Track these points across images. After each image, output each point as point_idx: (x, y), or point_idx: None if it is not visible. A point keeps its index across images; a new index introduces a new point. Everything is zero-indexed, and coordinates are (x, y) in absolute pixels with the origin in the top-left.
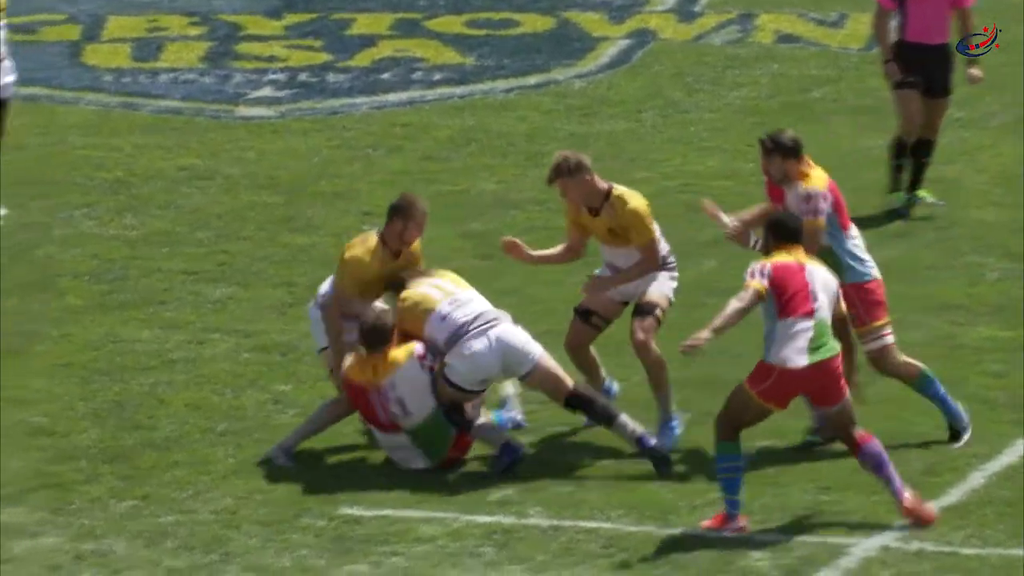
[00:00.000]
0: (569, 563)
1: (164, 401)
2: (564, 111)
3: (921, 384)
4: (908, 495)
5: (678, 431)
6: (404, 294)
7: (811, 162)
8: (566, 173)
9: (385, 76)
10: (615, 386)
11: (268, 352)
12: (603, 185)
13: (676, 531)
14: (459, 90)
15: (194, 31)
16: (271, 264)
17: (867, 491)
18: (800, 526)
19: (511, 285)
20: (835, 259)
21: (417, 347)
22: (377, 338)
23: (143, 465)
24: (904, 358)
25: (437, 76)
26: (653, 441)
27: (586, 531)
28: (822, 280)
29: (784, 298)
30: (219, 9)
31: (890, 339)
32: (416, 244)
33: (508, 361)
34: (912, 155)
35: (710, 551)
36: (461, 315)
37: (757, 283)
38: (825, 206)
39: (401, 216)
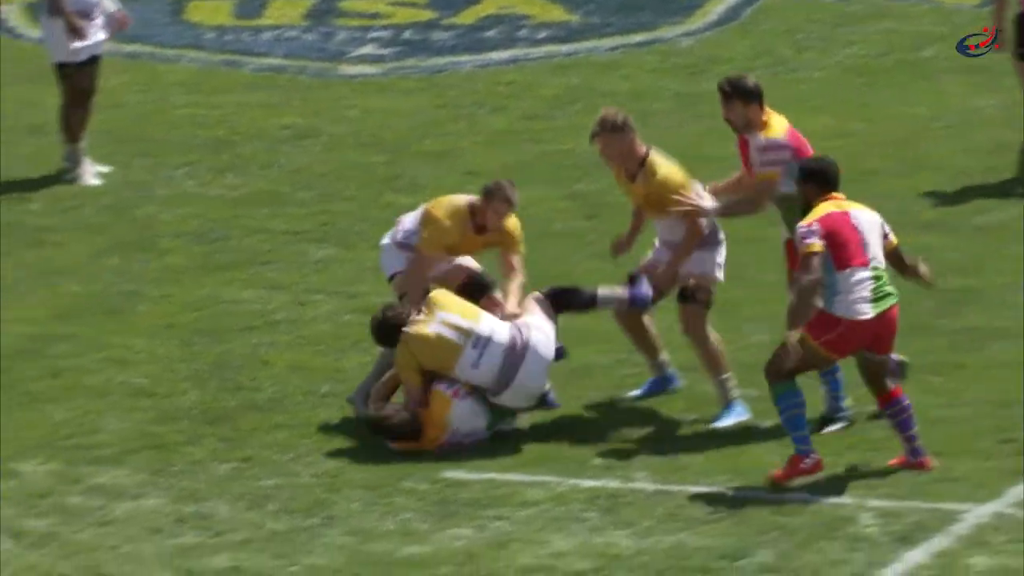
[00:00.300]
0: (674, 528)
1: (266, 362)
2: (670, 70)
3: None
4: (928, 458)
5: (743, 416)
6: (413, 332)
7: (772, 112)
8: (609, 129)
9: (490, 34)
10: (677, 379)
11: (370, 314)
12: (641, 149)
13: (783, 495)
14: (564, 48)
15: None
16: (374, 225)
17: (980, 456)
18: (911, 492)
19: None
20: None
21: (446, 390)
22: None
23: (245, 427)
24: None
25: (542, 34)
26: (643, 287)
27: (692, 496)
28: (868, 222)
29: (838, 251)
30: None
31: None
32: (514, 228)
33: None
34: None
35: (819, 516)
36: (495, 358)
37: (814, 245)
38: (785, 156)
39: (485, 197)
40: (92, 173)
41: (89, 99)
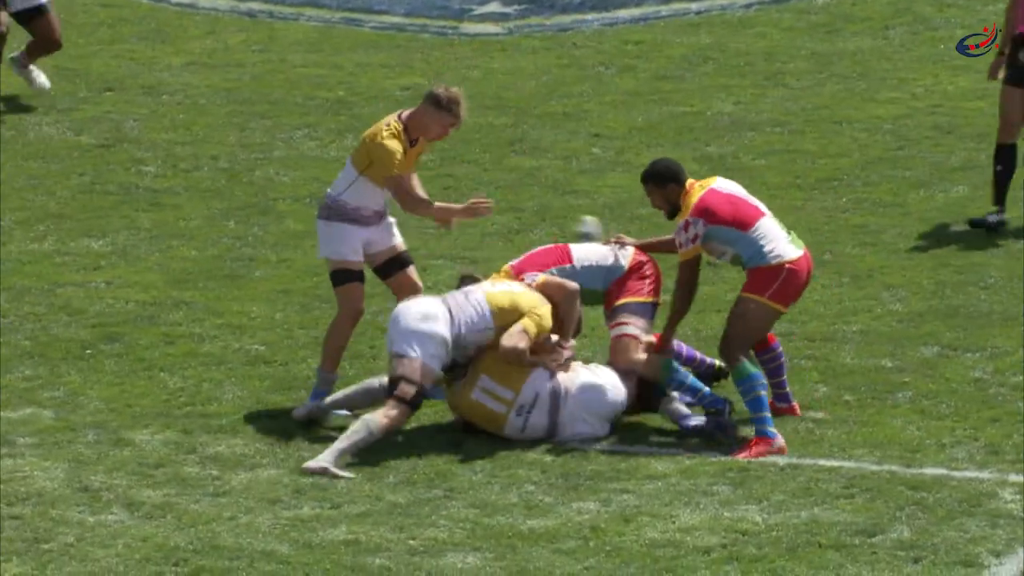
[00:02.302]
0: (808, 503)
1: (385, 330)
2: (806, 28)
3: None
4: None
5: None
6: (455, 399)
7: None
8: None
9: None
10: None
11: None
12: None
13: (922, 471)
14: (695, 6)
15: None
16: (497, 188)
17: None
18: None
19: None
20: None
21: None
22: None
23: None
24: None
25: None
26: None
27: (826, 470)
28: (730, 185)
29: (733, 219)
30: None
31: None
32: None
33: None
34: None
35: (957, 492)
36: (542, 419)
37: (690, 251)
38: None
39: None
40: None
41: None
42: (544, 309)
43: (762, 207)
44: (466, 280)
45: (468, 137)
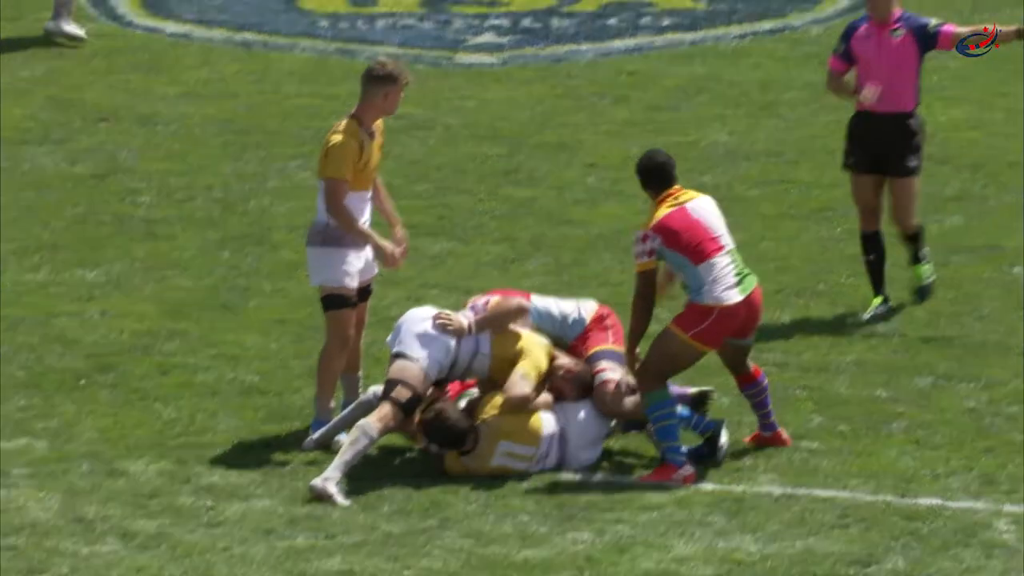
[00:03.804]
0: (802, 533)
1: (381, 360)
2: (800, 58)
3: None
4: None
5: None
6: (476, 466)
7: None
8: None
9: (612, 21)
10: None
11: None
12: None
13: (917, 501)
14: (689, 36)
15: None
16: (492, 218)
17: None
18: None
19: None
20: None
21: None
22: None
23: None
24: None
25: (666, 21)
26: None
27: (821, 500)
28: (705, 208)
29: (689, 248)
30: None
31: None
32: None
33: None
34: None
35: (952, 522)
36: (553, 458)
37: (647, 264)
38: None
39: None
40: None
41: None
42: (538, 348)
43: (723, 241)
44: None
45: (463, 167)
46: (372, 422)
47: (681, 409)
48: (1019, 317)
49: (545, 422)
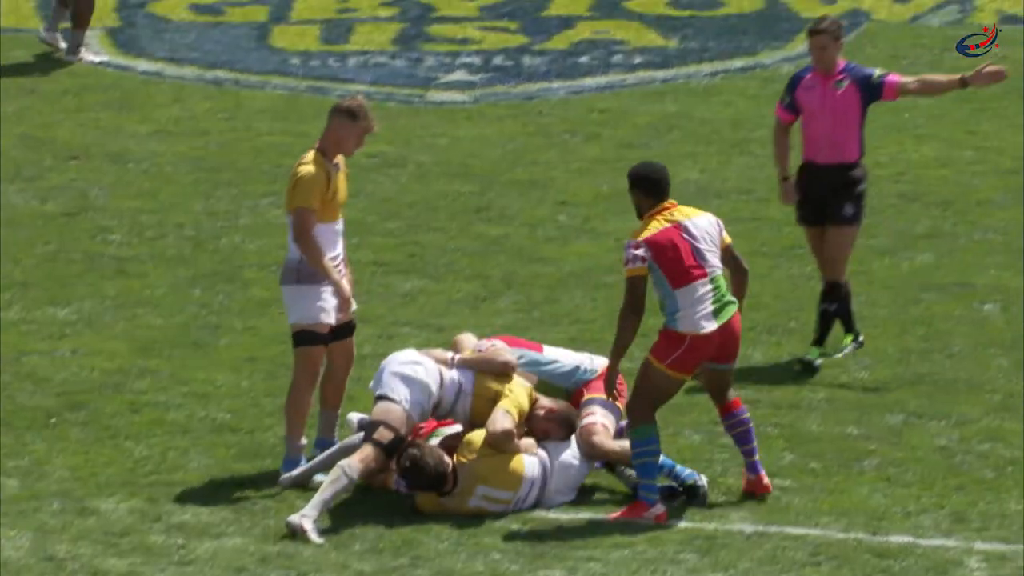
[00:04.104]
0: (774, 571)
1: (352, 397)
2: (771, 96)
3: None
4: (765, 475)
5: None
6: (453, 505)
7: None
8: None
9: (583, 59)
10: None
11: None
12: None
13: (888, 539)
14: (661, 74)
15: (385, 12)
16: (463, 256)
17: None
18: (1020, 535)
19: None
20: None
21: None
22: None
23: (330, 464)
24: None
25: (638, 59)
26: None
27: (792, 538)
28: (700, 229)
29: (672, 269)
30: None
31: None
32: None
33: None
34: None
35: (924, 560)
36: (532, 500)
37: (638, 270)
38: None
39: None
40: (94, 53)
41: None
42: (519, 389)
43: (708, 267)
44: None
45: (434, 204)
46: (353, 463)
47: (664, 458)
48: (990, 355)
49: (527, 467)
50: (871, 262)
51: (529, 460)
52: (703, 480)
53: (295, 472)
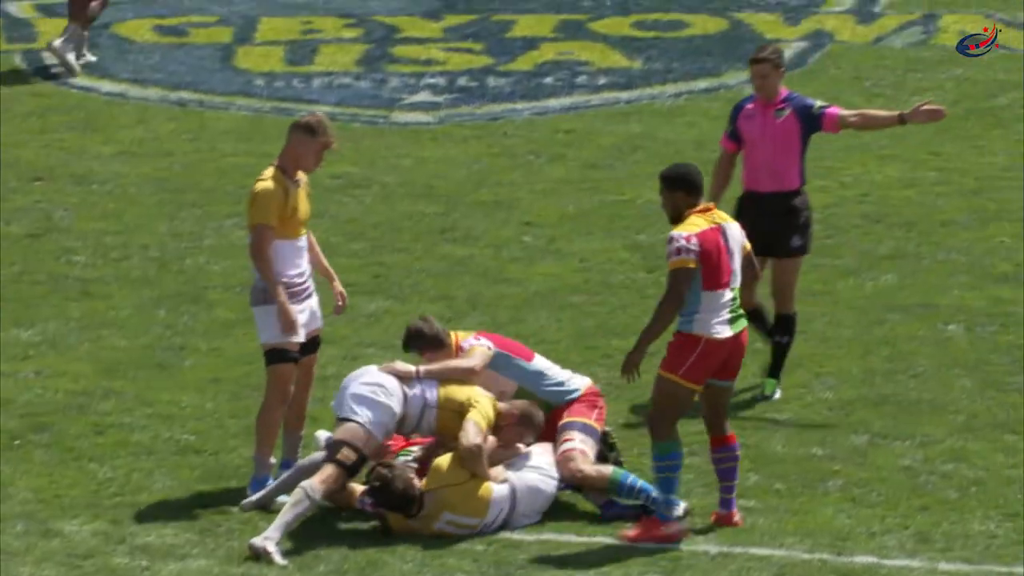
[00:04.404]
0: None
1: (317, 419)
2: None
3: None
4: (737, 512)
5: None
6: (419, 526)
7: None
8: None
9: (548, 80)
10: None
11: None
12: None
13: (853, 559)
14: (625, 95)
15: (349, 33)
16: (428, 276)
17: None
18: (984, 555)
19: None
20: None
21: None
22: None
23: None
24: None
25: (602, 80)
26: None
27: (757, 559)
28: (734, 238)
29: (710, 272)
30: (375, 10)
31: None
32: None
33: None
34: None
35: None
36: (499, 523)
37: (689, 261)
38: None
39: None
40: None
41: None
42: (485, 399)
43: (734, 278)
44: (413, 338)
45: (399, 225)
46: (315, 484)
47: (643, 484)
48: (953, 375)
49: (495, 494)
50: (835, 282)
51: (498, 489)
52: (683, 504)
53: (256, 496)
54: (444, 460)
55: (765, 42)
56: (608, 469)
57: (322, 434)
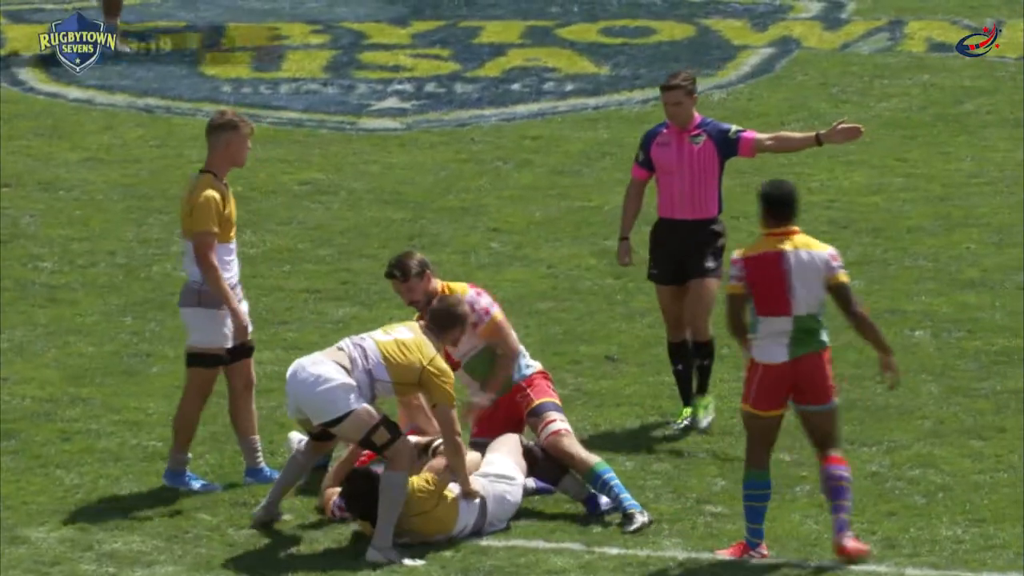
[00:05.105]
0: None
1: (285, 425)
2: None
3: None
4: (848, 535)
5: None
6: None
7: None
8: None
9: (515, 87)
10: None
11: None
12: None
13: (820, 563)
14: (592, 101)
15: (316, 39)
16: None
17: None
18: (952, 560)
19: (645, 305)
20: None
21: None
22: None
23: (261, 492)
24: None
25: (570, 87)
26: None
27: (724, 564)
28: (803, 265)
29: (760, 298)
30: (343, 17)
31: None
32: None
33: None
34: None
35: None
36: (468, 531)
37: (736, 288)
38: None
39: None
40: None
41: None
42: (439, 361)
43: (794, 305)
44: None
45: (366, 231)
46: (395, 477)
47: (618, 485)
48: (920, 381)
49: (461, 511)
50: None
51: (464, 507)
52: (645, 517)
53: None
54: (414, 481)
55: (732, 48)
56: (593, 458)
57: (295, 436)
